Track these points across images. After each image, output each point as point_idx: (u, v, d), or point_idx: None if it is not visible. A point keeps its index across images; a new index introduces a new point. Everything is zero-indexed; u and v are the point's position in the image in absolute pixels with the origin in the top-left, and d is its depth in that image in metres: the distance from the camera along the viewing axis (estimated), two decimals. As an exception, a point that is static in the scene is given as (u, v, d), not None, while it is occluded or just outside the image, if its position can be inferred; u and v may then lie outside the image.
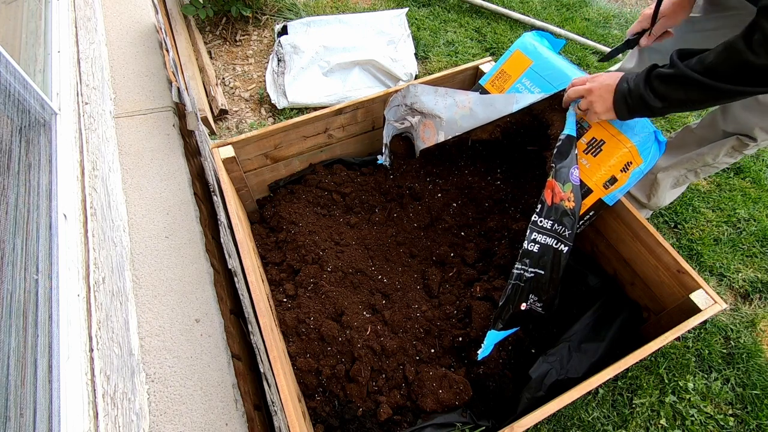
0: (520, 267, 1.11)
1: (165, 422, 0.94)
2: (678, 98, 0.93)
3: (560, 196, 1.10)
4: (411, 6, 2.66)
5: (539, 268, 1.11)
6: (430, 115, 1.44)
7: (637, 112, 1.01)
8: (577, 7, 2.78)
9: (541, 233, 1.10)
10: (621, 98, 1.02)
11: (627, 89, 1.00)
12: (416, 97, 1.44)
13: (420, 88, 1.42)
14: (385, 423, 1.13)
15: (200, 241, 1.21)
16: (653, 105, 0.96)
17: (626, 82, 1.00)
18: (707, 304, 1.09)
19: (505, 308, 1.11)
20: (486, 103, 1.33)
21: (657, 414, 1.40)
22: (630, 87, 0.99)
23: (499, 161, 1.52)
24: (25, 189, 1.03)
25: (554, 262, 1.12)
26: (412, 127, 1.56)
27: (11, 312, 0.86)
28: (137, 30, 1.70)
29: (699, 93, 0.89)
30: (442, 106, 1.40)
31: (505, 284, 1.29)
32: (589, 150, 1.18)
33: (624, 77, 1.02)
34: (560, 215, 1.10)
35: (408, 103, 1.47)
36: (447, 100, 1.39)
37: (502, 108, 1.29)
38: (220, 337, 1.07)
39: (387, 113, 1.51)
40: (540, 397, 1.11)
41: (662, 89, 0.93)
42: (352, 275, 1.36)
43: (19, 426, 0.78)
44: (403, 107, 1.50)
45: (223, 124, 2.14)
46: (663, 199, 1.69)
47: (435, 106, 1.41)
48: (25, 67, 1.13)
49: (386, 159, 1.58)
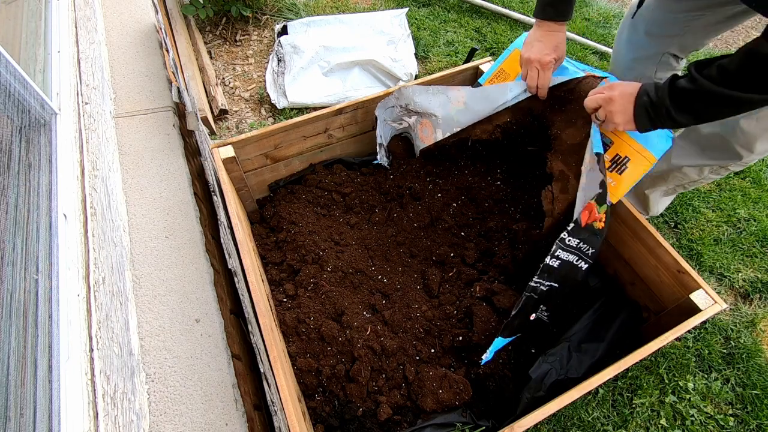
0: (537, 281, 1.10)
1: (165, 422, 0.94)
2: (705, 111, 0.89)
3: (594, 218, 1.08)
4: (411, 6, 2.66)
5: (555, 282, 1.11)
6: (426, 114, 1.45)
7: (661, 125, 0.97)
8: (577, 7, 2.78)
9: (566, 251, 1.08)
10: (643, 111, 0.97)
11: (649, 102, 0.95)
12: (410, 98, 1.44)
13: (412, 89, 1.42)
14: (385, 423, 1.13)
15: (200, 241, 1.21)
16: (679, 119, 0.91)
17: (647, 94, 0.95)
18: (707, 304, 1.09)
19: (516, 319, 1.11)
20: (479, 96, 1.32)
21: (657, 414, 1.40)
22: (652, 100, 0.94)
23: (499, 161, 1.52)
24: (25, 189, 1.03)
25: (571, 277, 1.11)
26: (410, 128, 1.56)
27: (11, 312, 0.86)
28: (137, 30, 1.70)
29: (724, 105, 0.85)
30: (436, 104, 1.40)
31: (504, 285, 1.29)
32: (614, 168, 1.15)
33: (644, 89, 0.97)
34: (589, 235, 1.08)
35: (402, 105, 1.47)
36: (440, 98, 1.39)
37: (496, 98, 1.28)
38: (220, 337, 1.07)
39: (380, 113, 1.51)
40: (540, 397, 1.11)
41: (686, 104, 0.89)
42: (352, 275, 1.36)
43: (19, 426, 0.78)
44: (398, 108, 1.50)
45: (223, 124, 2.14)
46: (657, 209, 1.74)
47: (429, 105, 1.41)
48: (25, 67, 1.13)
49: (383, 159, 1.58)
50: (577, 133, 1.22)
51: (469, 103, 1.34)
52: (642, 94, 0.97)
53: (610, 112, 1.03)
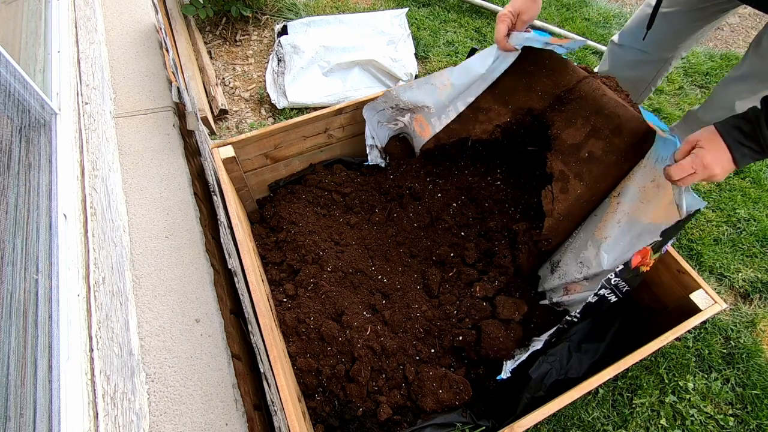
0: (573, 315, 1.12)
1: (165, 422, 0.94)
2: None
3: (645, 262, 1.06)
4: (411, 6, 2.66)
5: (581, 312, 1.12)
6: (417, 108, 1.45)
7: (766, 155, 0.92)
8: (577, 7, 2.78)
9: (606, 288, 1.08)
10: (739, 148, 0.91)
11: (743, 136, 0.90)
12: (397, 98, 1.45)
13: (396, 89, 1.43)
14: (385, 423, 1.13)
15: (200, 241, 1.21)
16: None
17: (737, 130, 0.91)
18: (707, 304, 1.09)
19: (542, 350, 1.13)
20: (462, 71, 1.34)
21: (657, 414, 1.40)
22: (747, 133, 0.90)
23: (499, 161, 1.51)
24: (25, 189, 1.03)
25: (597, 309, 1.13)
26: (407, 126, 1.57)
27: (11, 312, 0.86)
28: (137, 30, 1.70)
29: None
30: (424, 95, 1.41)
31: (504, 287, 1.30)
32: None
33: (727, 128, 0.92)
34: (632, 275, 1.07)
35: (392, 105, 1.48)
36: (426, 88, 1.40)
37: (479, 69, 1.31)
38: (220, 337, 1.07)
39: (369, 115, 1.51)
40: (540, 397, 1.11)
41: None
42: (352, 275, 1.36)
43: (19, 426, 0.78)
44: (389, 110, 1.51)
45: (223, 124, 2.14)
46: None
47: (417, 98, 1.42)
48: (25, 67, 1.13)
49: (376, 159, 1.59)
50: (577, 133, 1.22)
51: (455, 82, 1.36)
52: (727, 133, 0.92)
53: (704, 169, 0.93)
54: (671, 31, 1.46)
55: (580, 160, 1.20)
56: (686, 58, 2.53)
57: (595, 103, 1.20)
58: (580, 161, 1.20)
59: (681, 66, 2.49)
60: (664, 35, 1.48)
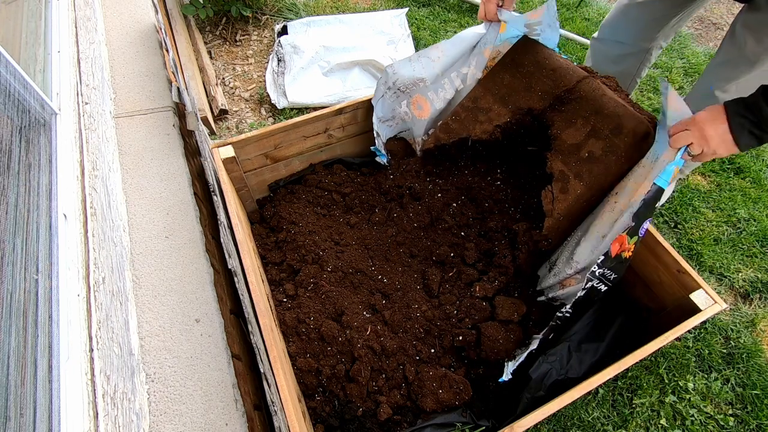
0: (564, 311, 1.12)
1: (165, 422, 0.94)
2: None
3: (624, 248, 1.08)
4: (411, 6, 2.66)
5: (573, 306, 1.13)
6: (414, 86, 1.47)
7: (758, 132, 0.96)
8: (577, 7, 2.78)
9: (593, 279, 1.10)
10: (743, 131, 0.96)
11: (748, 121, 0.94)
12: (395, 75, 1.46)
13: (392, 67, 1.45)
14: (385, 423, 1.13)
15: (200, 241, 1.21)
16: None
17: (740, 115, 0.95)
18: (707, 304, 1.09)
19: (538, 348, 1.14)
20: (455, 41, 1.41)
21: (657, 414, 1.40)
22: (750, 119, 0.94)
23: (499, 161, 1.52)
24: (25, 189, 1.03)
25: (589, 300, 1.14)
26: (404, 121, 1.56)
27: (11, 312, 0.86)
28: (137, 30, 1.70)
29: None
30: (420, 68, 1.44)
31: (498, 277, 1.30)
32: None
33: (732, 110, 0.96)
34: (616, 263, 1.09)
35: (391, 85, 1.48)
36: (422, 61, 1.44)
37: (472, 39, 1.38)
38: (220, 337, 1.07)
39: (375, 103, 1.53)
40: (540, 397, 1.11)
41: None
42: (352, 275, 1.36)
43: (19, 426, 0.78)
44: (388, 95, 1.50)
45: (223, 124, 2.14)
46: None
47: (414, 72, 1.44)
48: (25, 67, 1.13)
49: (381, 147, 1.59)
50: (577, 133, 1.22)
51: (447, 51, 1.41)
52: (733, 115, 0.96)
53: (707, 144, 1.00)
54: (648, 21, 1.50)
55: (580, 160, 1.20)
56: (686, 58, 2.53)
57: (595, 103, 1.20)
58: (580, 161, 1.20)
59: (681, 66, 2.49)
60: (641, 25, 1.52)
